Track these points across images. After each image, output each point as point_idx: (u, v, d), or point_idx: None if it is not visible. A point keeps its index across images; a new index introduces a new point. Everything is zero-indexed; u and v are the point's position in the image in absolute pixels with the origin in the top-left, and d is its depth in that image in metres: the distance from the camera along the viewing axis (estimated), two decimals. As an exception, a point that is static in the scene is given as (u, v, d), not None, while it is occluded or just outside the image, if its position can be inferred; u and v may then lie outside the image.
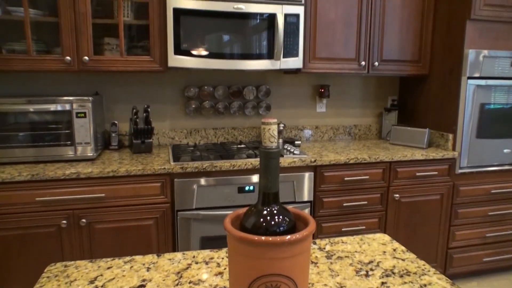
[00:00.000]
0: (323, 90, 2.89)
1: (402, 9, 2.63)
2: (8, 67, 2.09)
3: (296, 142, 2.69)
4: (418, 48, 2.72)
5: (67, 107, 2.12)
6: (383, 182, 2.45)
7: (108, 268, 0.97)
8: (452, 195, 2.61)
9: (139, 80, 2.62)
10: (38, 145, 2.10)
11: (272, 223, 0.68)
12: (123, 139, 2.63)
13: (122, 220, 2.06)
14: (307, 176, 2.30)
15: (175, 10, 2.16)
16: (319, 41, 2.50)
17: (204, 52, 2.23)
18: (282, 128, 2.65)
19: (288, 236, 0.64)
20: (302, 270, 0.68)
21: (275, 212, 0.69)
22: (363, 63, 2.60)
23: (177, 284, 0.89)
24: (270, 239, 0.63)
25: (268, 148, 0.65)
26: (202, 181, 2.14)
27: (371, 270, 0.97)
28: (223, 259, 1.02)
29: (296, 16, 2.34)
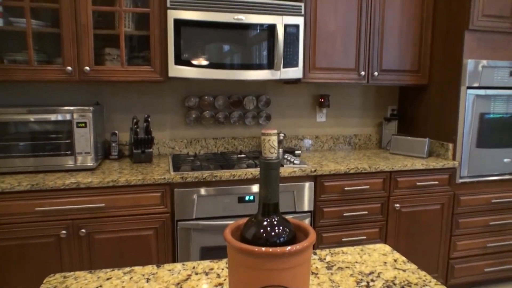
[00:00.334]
0: (323, 100, 2.90)
1: (401, 20, 2.65)
2: (9, 77, 2.10)
3: (296, 152, 2.69)
4: (418, 58, 2.74)
5: (68, 116, 2.12)
6: (384, 192, 2.45)
7: (108, 279, 0.96)
8: (452, 205, 2.60)
9: (140, 90, 2.63)
10: (38, 154, 2.10)
11: (272, 234, 0.68)
12: (123, 149, 2.63)
13: (122, 230, 2.05)
14: (307, 186, 2.29)
15: (176, 21, 2.18)
16: (319, 51, 2.52)
17: (205, 62, 2.25)
18: (282, 137, 2.65)
19: (288, 247, 0.64)
20: (302, 281, 0.67)
21: (275, 223, 0.69)
22: (363, 73, 2.62)
23: (176, 296, 0.89)
24: (270, 250, 0.63)
25: (268, 159, 0.66)
26: (202, 191, 2.13)
27: (372, 281, 0.97)
28: (223, 270, 1.02)
29: (296, 26, 2.36)
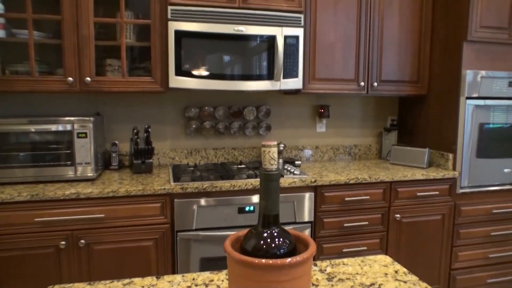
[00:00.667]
0: (323, 110, 2.91)
1: (399, 31, 2.67)
2: (11, 88, 2.11)
3: (297, 162, 2.69)
4: (417, 69, 2.76)
5: (68, 127, 2.13)
6: (384, 202, 2.44)
7: (107, 291, 0.96)
8: (453, 215, 2.60)
9: (140, 101, 2.64)
10: (38, 165, 2.10)
11: (273, 245, 0.68)
12: (124, 159, 2.64)
13: (121, 241, 2.04)
14: (308, 197, 2.29)
15: (177, 32, 2.20)
16: (318, 62, 2.54)
17: (205, 73, 2.26)
18: (282, 148, 2.66)
19: (289, 259, 0.64)
20: (302, 294, 0.67)
21: (275, 234, 0.69)
22: (362, 83, 2.63)
23: (176, 308, 0.88)
24: (271, 262, 0.63)
25: (268, 171, 0.66)
26: (202, 201, 2.13)
27: (373, 293, 0.96)
28: (223, 281, 1.01)
29: (296, 38, 2.38)
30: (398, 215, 2.46)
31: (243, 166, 2.59)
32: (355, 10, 2.57)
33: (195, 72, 2.25)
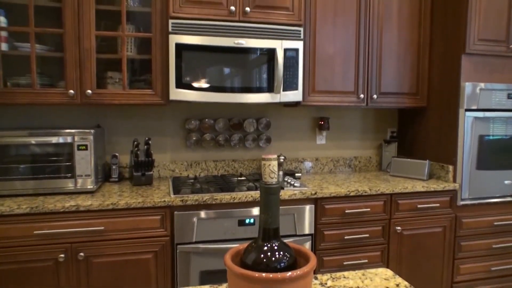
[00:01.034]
0: (322, 123, 2.92)
1: (398, 43, 2.70)
2: (12, 100, 2.13)
3: (297, 174, 2.69)
4: (416, 81, 2.77)
5: (69, 139, 2.13)
6: (385, 215, 2.43)
7: (106, 305, 0.95)
8: (454, 228, 2.58)
9: (141, 113, 2.65)
10: (38, 177, 2.10)
11: (273, 259, 0.68)
12: (124, 171, 2.63)
13: (121, 254, 2.02)
14: (308, 209, 2.28)
15: (177, 45, 2.22)
16: (318, 74, 2.55)
17: (205, 86, 2.27)
18: (282, 160, 2.66)
19: (289, 273, 0.63)
20: (303, 308, 0.67)
21: (275, 248, 0.68)
22: (362, 95, 2.64)
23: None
24: (271, 275, 0.63)
25: (268, 184, 0.66)
26: (202, 214, 2.12)
27: (374, 307, 0.95)
28: (223, 295, 1.00)
29: (296, 50, 2.40)
30: (399, 228, 2.45)
31: (243, 178, 2.59)
32: (354, 23, 2.60)
33: (195, 85, 2.26)
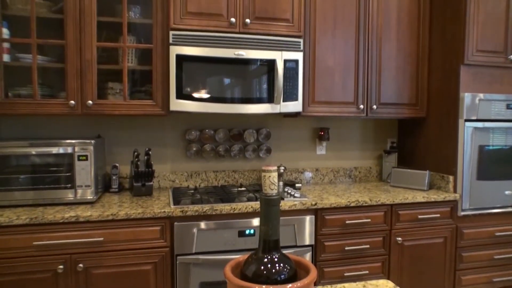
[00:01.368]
0: (322, 133, 2.92)
1: (397, 55, 2.72)
2: (13, 111, 2.13)
3: (297, 185, 2.69)
4: (415, 92, 2.79)
5: (69, 149, 2.14)
6: (385, 225, 2.42)
7: (105, 317, 0.94)
8: (455, 238, 2.57)
9: (141, 124, 2.66)
10: (38, 188, 2.10)
11: (273, 271, 0.67)
12: (124, 182, 2.63)
13: (120, 265, 2.01)
14: (308, 220, 2.27)
15: (178, 57, 2.23)
16: (318, 85, 2.57)
17: (205, 96, 2.28)
18: (282, 171, 2.66)
19: (289, 285, 0.63)
20: (304, 321, 0.66)
21: (275, 259, 0.68)
22: (362, 106, 2.65)
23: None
24: (271, 288, 0.62)
25: (268, 195, 0.66)
26: (202, 224, 2.12)
27: (375, 319, 0.94)
28: (223, 307, 0.99)
29: (295, 61, 2.42)
30: (400, 238, 2.44)
31: (243, 189, 2.59)
32: (353, 34, 2.62)
33: (195, 95, 2.27)
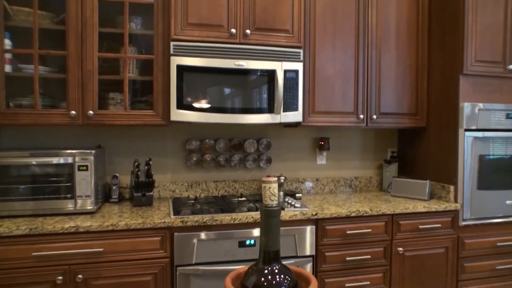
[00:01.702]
0: (323, 143, 2.92)
1: (396, 65, 2.73)
2: (14, 121, 2.14)
3: (297, 195, 2.68)
4: (415, 102, 2.80)
5: (70, 160, 2.14)
6: (386, 236, 2.41)
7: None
8: (457, 248, 2.56)
9: (142, 134, 2.66)
10: (38, 198, 2.09)
11: (273, 282, 0.67)
12: (124, 192, 2.63)
13: (120, 276, 2.00)
14: (309, 230, 2.26)
15: (179, 67, 2.25)
16: (318, 95, 2.58)
17: (206, 106, 2.29)
18: (282, 180, 2.65)
19: (290, 297, 0.63)
20: (304, 333, 0.66)
21: (276, 271, 0.68)
22: (362, 116, 2.66)
23: None
24: (272, 300, 0.62)
25: (268, 206, 0.66)
26: (202, 235, 2.11)
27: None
28: (223, 319, 0.99)
29: (295, 72, 2.43)
30: (401, 249, 2.43)
31: (243, 199, 2.58)
32: (353, 45, 2.64)
33: (196, 106, 2.28)
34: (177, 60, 2.24)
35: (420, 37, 2.78)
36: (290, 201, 2.45)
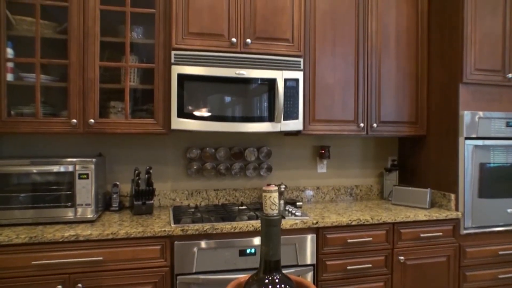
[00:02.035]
0: (323, 151, 2.93)
1: (396, 73, 2.74)
2: (15, 129, 2.15)
3: (298, 203, 2.67)
4: (415, 110, 2.80)
5: (70, 168, 2.14)
6: (387, 244, 2.40)
7: None
8: (458, 257, 2.54)
9: (142, 142, 2.67)
10: (38, 206, 2.09)
11: (274, 292, 0.67)
12: (124, 200, 2.62)
13: (120, 285, 1.99)
14: (310, 238, 2.26)
15: (179, 76, 2.26)
16: (318, 104, 2.59)
17: (206, 115, 2.30)
18: (283, 189, 2.65)
19: (291, 307, 0.62)
20: None
21: (276, 281, 0.68)
22: (362, 124, 2.67)
23: None
24: (272, 310, 0.62)
25: (269, 216, 0.66)
26: (203, 243, 2.10)
27: None
28: (223, 329, 0.98)
29: (296, 80, 2.44)
30: (402, 257, 2.42)
31: (244, 207, 2.58)
32: (352, 54, 2.65)
33: (197, 114, 2.29)
34: (178, 69, 2.26)
35: (419, 45, 2.80)
36: (290, 209, 2.45)
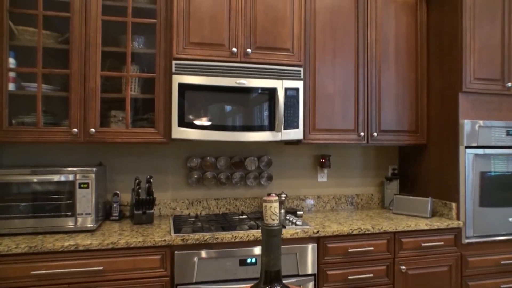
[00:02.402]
0: (324, 160, 2.93)
1: (396, 82, 2.76)
2: (17, 138, 2.15)
3: (298, 213, 2.66)
4: (415, 119, 2.81)
5: (71, 177, 2.14)
6: (388, 254, 2.39)
7: None
8: (460, 267, 2.53)
9: (143, 151, 2.67)
10: (38, 215, 2.09)
11: (275, 303, 0.66)
12: (125, 210, 2.62)
13: (119, 296, 1.98)
14: (310, 248, 2.24)
15: (180, 85, 2.27)
16: (318, 113, 2.59)
17: (207, 124, 2.31)
18: (283, 198, 2.65)
19: (291, 318, 0.62)
20: None
21: (277, 291, 0.68)
22: (362, 133, 2.67)
23: None
24: (273, 320, 0.62)
25: (270, 226, 0.66)
26: (203, 253, 2.09)
27: None
28: None
29: (296, 90, 2.45)
30: (404, 267, 2.40)
31: (244, 216, 2.57)
32: (352, 63, 2.67)
33: (197, 123, 2.29)
34: (178, 79, 2.27)
35: (419, 54, 2.81)
36: (291, 218, 2.44)
